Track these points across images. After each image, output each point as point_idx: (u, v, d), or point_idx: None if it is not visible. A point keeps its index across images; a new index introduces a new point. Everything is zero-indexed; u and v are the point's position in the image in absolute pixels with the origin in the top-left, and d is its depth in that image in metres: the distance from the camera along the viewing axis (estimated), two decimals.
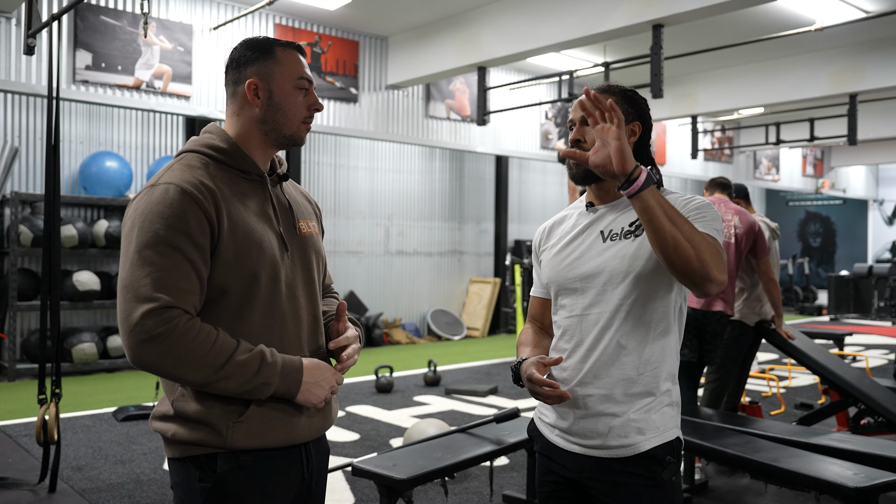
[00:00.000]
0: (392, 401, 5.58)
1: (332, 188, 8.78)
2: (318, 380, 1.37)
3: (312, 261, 1.49)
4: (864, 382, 4.13)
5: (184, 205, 1.29)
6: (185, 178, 1.33)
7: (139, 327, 1.24)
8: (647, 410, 1.50)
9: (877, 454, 2.96)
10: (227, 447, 1.32)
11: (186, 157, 1.40)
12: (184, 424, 1.33)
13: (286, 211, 1.47)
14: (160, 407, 1.40)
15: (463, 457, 2.82)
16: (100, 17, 6.62)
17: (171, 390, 1.37)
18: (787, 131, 11.42)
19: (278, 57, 1.42)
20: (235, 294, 1.34)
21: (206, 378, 1.27)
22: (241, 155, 1.41)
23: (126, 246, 1.31)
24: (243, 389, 1.30)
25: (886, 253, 16.95)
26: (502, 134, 9.99)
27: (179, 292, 1.27)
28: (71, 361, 6.27)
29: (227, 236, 1.33)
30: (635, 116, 1.59)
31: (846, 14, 7.11)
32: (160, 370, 1.27)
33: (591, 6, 6.46)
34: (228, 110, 1.45)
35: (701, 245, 1.37)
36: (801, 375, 6.89)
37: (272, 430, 1.34)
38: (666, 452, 1.50)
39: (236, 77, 1.43)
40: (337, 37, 8.24)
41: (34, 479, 3.56)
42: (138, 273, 1.26)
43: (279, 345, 1.38)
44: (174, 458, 1.37)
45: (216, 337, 1.28)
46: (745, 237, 3.87)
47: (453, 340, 9.27)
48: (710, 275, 1.37)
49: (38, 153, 6.63)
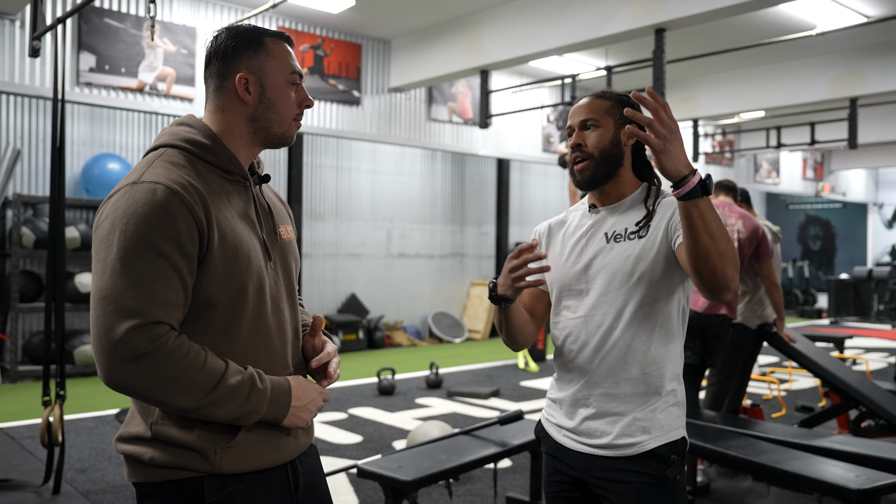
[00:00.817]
0: (394, 403, 5.59)
1: (333, 190, 8.80)
2: (306, 403, 1.30)
3: (293, 269, 1.41)
4: (865, 385, 4.15)
5: (173, 208, 1.16)
6: (171, 177, 1.20)
7: (123, 345, 1.11)
8: (653, 410, 1.52)
9: (878, 456, 2.98)
10: (214, 472, 1.22)
11: (168, 152, 1.27)
12: (164, 449, 1.22)
13: (267, 215, 1.37)
14: (130, 428, 1.27)
15: (467, 458, 2.84)
16: (103, 20, 6.64)
17: (146, 411, 1.25)
18: (788, 135, 11.45)
19: (269, 49, 1.31)
20: (222, 308, 1.23)
21: (193, 403, 1.16)
22: (224, 153, 1.29)
23: (104, 251, 1.16)
24: (231, 417, 1.19)
25: (886, 256, 16.98)
26: (504, 137, 10.01)
27: (166, 306, 1.15)
28: (73, 363, 6.28)
29: (217, 245, 1.21)
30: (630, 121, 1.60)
31: (847, 19, 7.13)
32: (141, 393, 1.15)
33: (593, 10, 6.49)
34: (211, 104, 1.33)
35: (729, 257, 1.35)
36: (802, 378, 6.90)
37: (260, 454, 1.26)
38: (671, 451, 1.52)
39: (222, 70, 1.30)
40: (340, 40, 8.27)
41: (38, 481, 3.57)
42: (121, 283, 1.13)
43: (266, 363, 1.29)
44: (149, 483, 1.24)
45: (205, 358, 1.17)
46: (748, 241, 3.90)
47: (454, 343, 9.28)
48: (730, 286, 1.37)
49: (41, 155, 6.65)
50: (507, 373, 7.01)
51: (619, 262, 1.53)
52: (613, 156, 1.58)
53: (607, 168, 1.58)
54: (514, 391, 6.15)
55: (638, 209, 1.58)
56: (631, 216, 1.57)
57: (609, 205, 1.61)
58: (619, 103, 1.59)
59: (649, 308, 1.52)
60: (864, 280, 12.78)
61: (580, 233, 1.63)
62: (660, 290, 1.52)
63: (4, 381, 6.17)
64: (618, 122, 1.58)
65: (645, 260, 1.51)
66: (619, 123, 1.58)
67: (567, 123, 1.63)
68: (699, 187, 1.30)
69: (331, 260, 8.77)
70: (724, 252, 1.34)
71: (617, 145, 1.58)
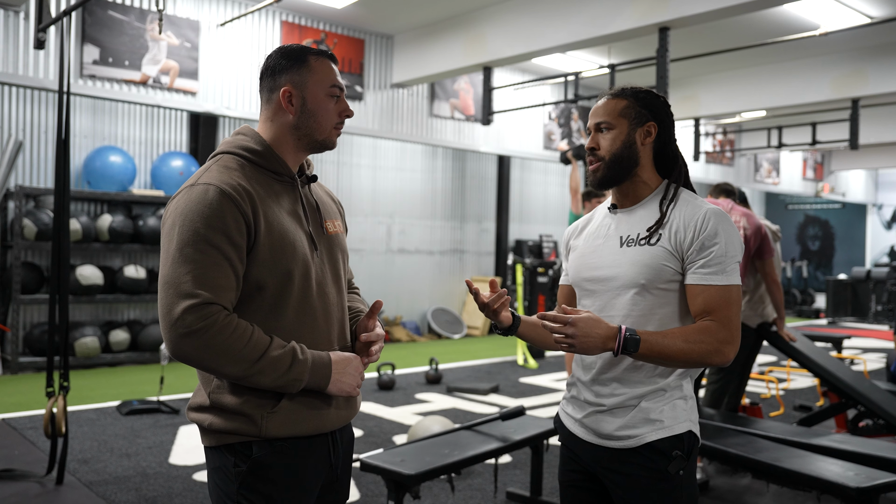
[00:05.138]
0: (394, 398, 5.61)
1: (334, 186, 8.80)
2: (347, 369, 1.44)
3: (339, 259, 1.56)
4: (863, 385, 4.17)
5: (222, 205, 1.34)
6: (223, 179, 1.38)
7: (180, 322, 1.29)
8: (657, 402, 1.53)
9: (877, 455, 3.00)
10: (261, 436, 1.38)
11: (223, 158, 1.45)
12: (220, 415, 1.39)
13: (314, 211, 1.53)
14: (196, 398, 1.46)
15: (470, 453, 2.86)
16: (107, 12, 6.63)
17: (207, 382, 1.43)
18: (789, 135, 11.46)
19: (311, 65, 1.47)
20: (270, 291, 1.39)
21: (241, 372, 1.32)
22: (274, 157, 1.47)
23: (167, 243, 1.36)
24: (276, 384, 1.35)
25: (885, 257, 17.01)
26: (505, 134, 10.02)
27: (218, 289, 1.32)
28: (74, 355, 6.30)
29: (264, 236, 1.38)
30: (650, 117, 1.59)
31: (850, 19, 7.14)
32: (198, 363, 1.33)
33: (597, 8, 6.49)
34: (263, 115, 1.51)
35: (700, 352, 1.46)
36: (800, 377, 6.93)
37: (303, 420, 1.41)
38: (673, 446, 1.51)
39: (271, 84, 1.48)
40: (343, 35, 8.26)
41: (41, 471, 3.58)
42: (179, 270, 1.32)
43: (310, 340, 1.44)
44: (210, 447, 1.43)
45: (252, 333, 1.33)
46: (752, 238, 3.96)
47: (453, 339, 9.31)
48: (724, 360, 1.48)
49: (43, 147, 6.65)
50: (507, 369, 7.03)
51: (625, 268, 1.54)
52: (625, 158, 1.58)
53: (619, 170, 1.59)
54: (514, 387, 6.17)
55: (652, 212, 1.58)
56: (646, 219, 1.57)
57: (626, 207, 1.62)
58: (636, 102, 1.58)
59: (652, 314, 1.53)
60: (862, 281, 12.81)
61: (598, 233, 1.65)
62: (666, 297, 1.53)
63: (5, 372, 6.19)
64: (632, 122, 1.58)
65: (651, 268, 1.52)
66: (635, 124, 1.58)
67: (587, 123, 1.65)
68: (628, 345, 1.43)
69: None
70: (692, 358, 1.46)
71: (630, 146, 1.58)
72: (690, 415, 1.56)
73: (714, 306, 1.48)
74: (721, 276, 1.48)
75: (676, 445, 1.52)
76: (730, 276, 1.49)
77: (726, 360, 1.47)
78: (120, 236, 6.57)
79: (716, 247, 1.49)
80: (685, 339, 1.45)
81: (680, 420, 1.53)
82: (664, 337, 1.45)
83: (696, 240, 1.50)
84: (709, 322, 1.48)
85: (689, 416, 1.56)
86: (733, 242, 1.50)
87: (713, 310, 1.48)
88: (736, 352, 1.48)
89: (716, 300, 1.48)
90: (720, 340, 1.46)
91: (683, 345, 1.44)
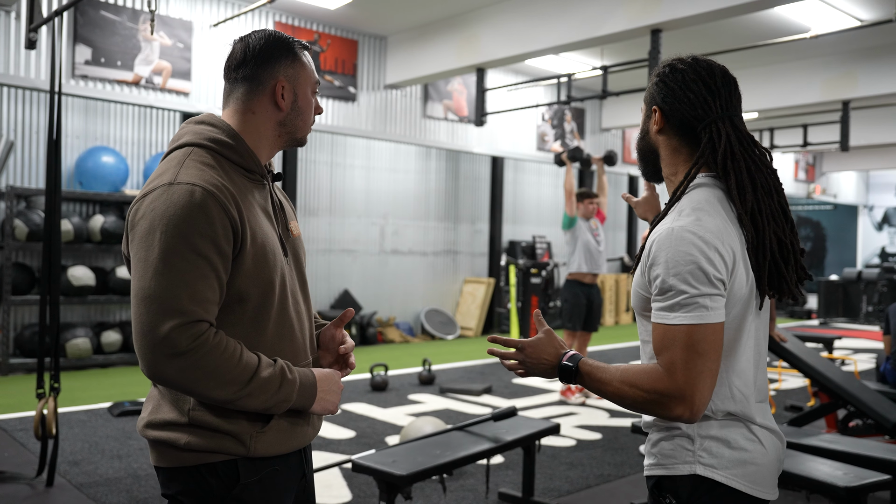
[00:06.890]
0: (387, 399, 5.61)
1: (328, 186, 8.80)
2: (331, 387, 1.38)
3: (303, 263, 1.47)
4: (853, 385, 4.19)
5: (211, 209, 1.21)
6: (206, 178, 1.24)
7: (167, 342, 1.16)
8: (661, 436, 1.35)
9: (866, 455, 3.02)
10: (249, 455, 1.30)
11: (196, 151, 1.30)
12: (201, 434, 1.27)
13: (280, 212, 1.43)
14: (161, 415, 1.30)
15: (462, 454, 2.86)
16: (100, 12, 6.61)
17: (179, 398, 1.29)
18: (781, 136, 11.53)
19: (302, 60, 1.39)
20: (253, 302, 1.29)
21: (229, 395, 1.22)
22: (248, 153, 1.34)
23: (144, 250, 1.20)
24: (264, 406, 1.26)
25: (876, 258, 17.12)
26: (498, 135, 10.03)
27: (206, 304, 1.20)
28: (65, 356, 6.27)
29: (249, 243, 1.27)
30: (653, 99, 1.40)
31: (840, 22, 7.19)
32: (181, 386, 1.21)
33: (590, 10, 6.51)
34: (240, 105, 1.36)
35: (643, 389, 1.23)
36: (791, 378, 6.96)
37: (288, 440, 1.36)
38: (667, 489, 1.31)
39: (257, 73, 1.35)
40: (336, 36, 8.26)
41: (31, 473, 3.57)
42: (164, 283, 1.17)
43: (291, 354, 1.36)
44: (176, 468, 1.29)
45: (241, 353, 1.23)
46: None
47: (447, 340, 9.31)
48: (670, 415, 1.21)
49: (34, 147, 6.62)
50: (500, 370, 7.04)
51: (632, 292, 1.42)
52: (643, 151, 1.46)
53: (645, 164, 1.47)
54: (507, 388, 6.18)
55: None
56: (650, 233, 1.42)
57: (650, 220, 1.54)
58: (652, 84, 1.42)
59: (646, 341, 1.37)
60: (853, 281, 12.88)
61: None
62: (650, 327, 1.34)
63: None
64: (647, 113, 1.43)
65: (635, 294, 1.36)
66: (647, 115, 1.43)
67: None
68: (563, 375, 1.33)
69: (324, 256, 8.77)
70: (627, 404, 1.27)
71: (643, 137, 1.45)
72: (701, 456, 1.29)
73: (658, 347, 1.24)
74: (664, 312, 1.23)
75: (670, 488, 1.31)
76: (674, 312, 1.21)
77: (673, 415, 1.20)
78: (112, 237, 6.54)
79: (657, 279, 1.25)
80: (622, 379, 1.26)
81: (678, 461, 1.30)
82: (604, 372, 1.28)
83: (647, 267, 1.29)
84: (652, 366, 1.25)
85: (698, 458, 1.29)
86: (677, 265, 1.21)
87: (657, 352, 1.24)
88: (692, 409, 1.19)
89: (658, 340, 1.24)
90: (659, 391, 1.20)
91: (619, 385, 1.26)
